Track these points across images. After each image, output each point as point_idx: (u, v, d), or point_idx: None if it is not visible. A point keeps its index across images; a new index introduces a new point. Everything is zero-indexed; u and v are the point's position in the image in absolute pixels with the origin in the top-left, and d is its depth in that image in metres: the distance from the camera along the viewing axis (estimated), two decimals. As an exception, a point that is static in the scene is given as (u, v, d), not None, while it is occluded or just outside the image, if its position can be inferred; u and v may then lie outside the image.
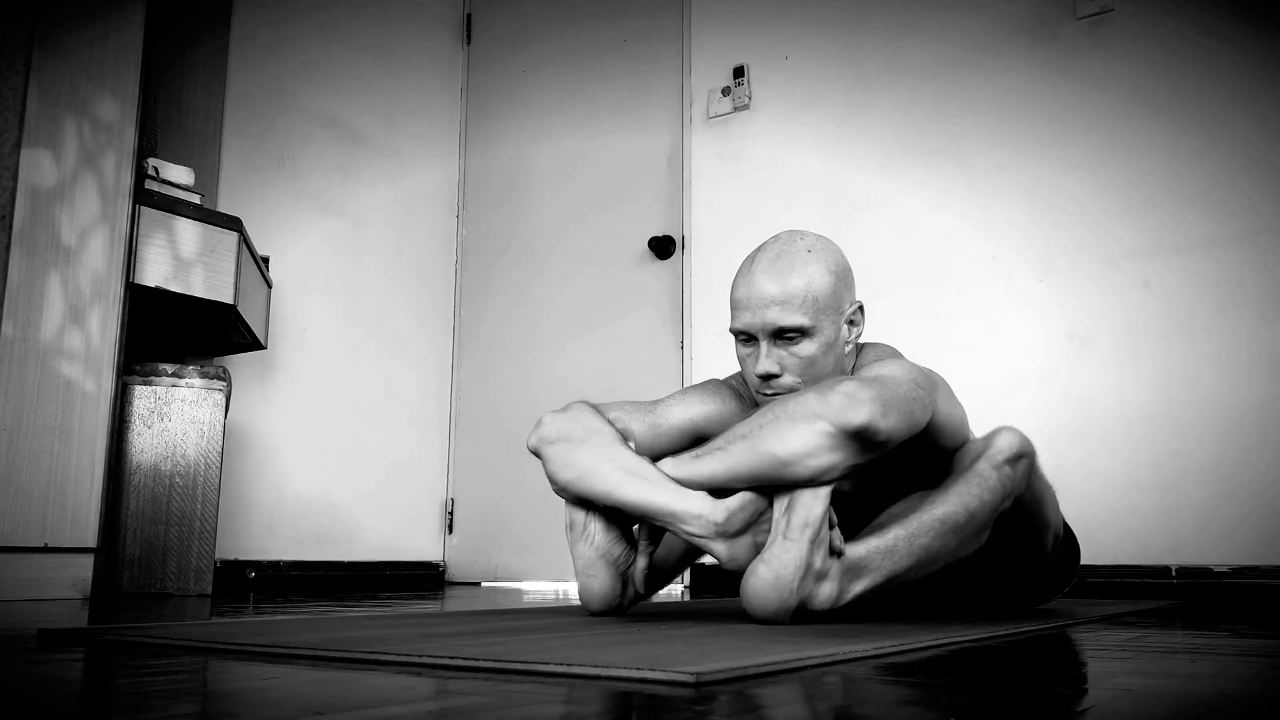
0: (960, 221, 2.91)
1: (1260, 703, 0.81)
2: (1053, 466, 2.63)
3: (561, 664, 0.88)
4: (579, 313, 3.58)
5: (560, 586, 3.29)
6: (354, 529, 3.45)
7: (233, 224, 2.64)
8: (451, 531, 3.74)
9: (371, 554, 3.49)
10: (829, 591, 1.35)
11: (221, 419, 2.63)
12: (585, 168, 3.66)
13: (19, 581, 2.18)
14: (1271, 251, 2.50)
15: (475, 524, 3.69)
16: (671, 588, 3.07)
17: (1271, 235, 2.50)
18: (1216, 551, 2.45)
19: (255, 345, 2.98)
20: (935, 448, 1.51)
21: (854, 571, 1.37)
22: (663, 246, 3.37)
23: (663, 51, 3.53)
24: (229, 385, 2.68)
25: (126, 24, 2.46)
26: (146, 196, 2.48)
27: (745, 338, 1.54)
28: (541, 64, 3.83)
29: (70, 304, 2.31)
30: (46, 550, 2.23)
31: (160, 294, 2.48)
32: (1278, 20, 2.56)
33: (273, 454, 3.25)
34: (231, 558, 3.08)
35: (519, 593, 2.96)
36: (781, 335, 1.50)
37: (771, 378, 1.50)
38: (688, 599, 2.73)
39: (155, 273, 2.47)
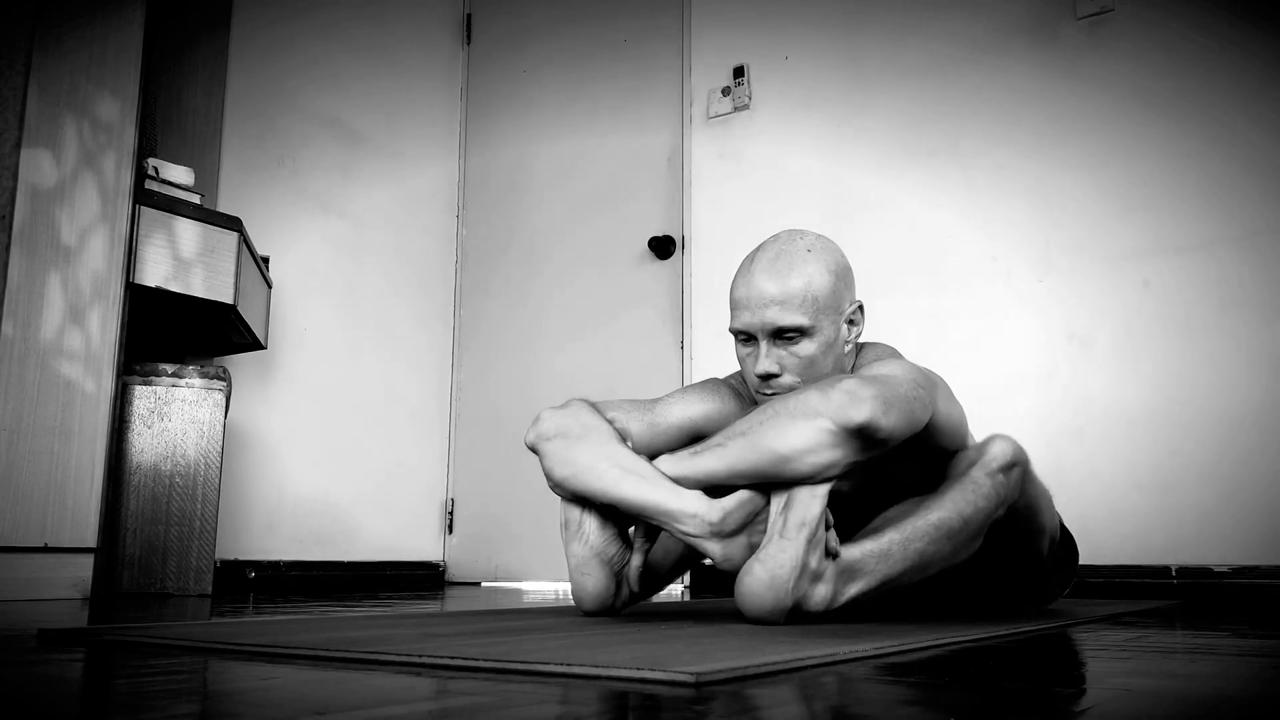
0: (960, 221, 2.91)
1: (1260, 703, 0.81)
2: (1053, 466, 2.65)
3: (561, 664, 0.88)
4: (579, 313, 3.58)
5: (560, 586, 3.29)
6: (354, 529, 3.45)
7: (233, 224, 2.64)
8: (451, 531, 3.74)
9: (371, 554, 3.49)
10: (824, 593, 1.35)
11: (221, 419, 2.63)
12: (585, 168, 3.66)
13: (19, 581, 2.19)
14: (1271, 251, 2.50)
15: (475, 524, 3.70)
16: (671, 588, 3.07)
17: (1271, 235, 2.50)
18: (1216, 551, 2.45)
19: (255, 345, 2.98)
20: (934, 448, 1.50)
21: (849, 574, 1.37)
22: (663, 246, 3.37)
23: (663, 51, 3.53)
24: (229, 385, 2.68)
25: (126, 24, 2.46)
26: (146, 196, 2.48)
27: (745, 337, 1.54)
28: (541, 64, 3.83)
29: (70, 304, 2.31)
30: (46, 550, 2.23)
31: (160, 294, 2.49)
32: (1278, 20, 2.56)
33: (273, 454, 3.25)
34: (231, 558, 3.08)
35: (519, 593, 2.96)
36: (781, 335, 1.49)
37: (771, 377, 1.50)
38: (688, 599, 2.73)
39: (155, 273, 2.47)
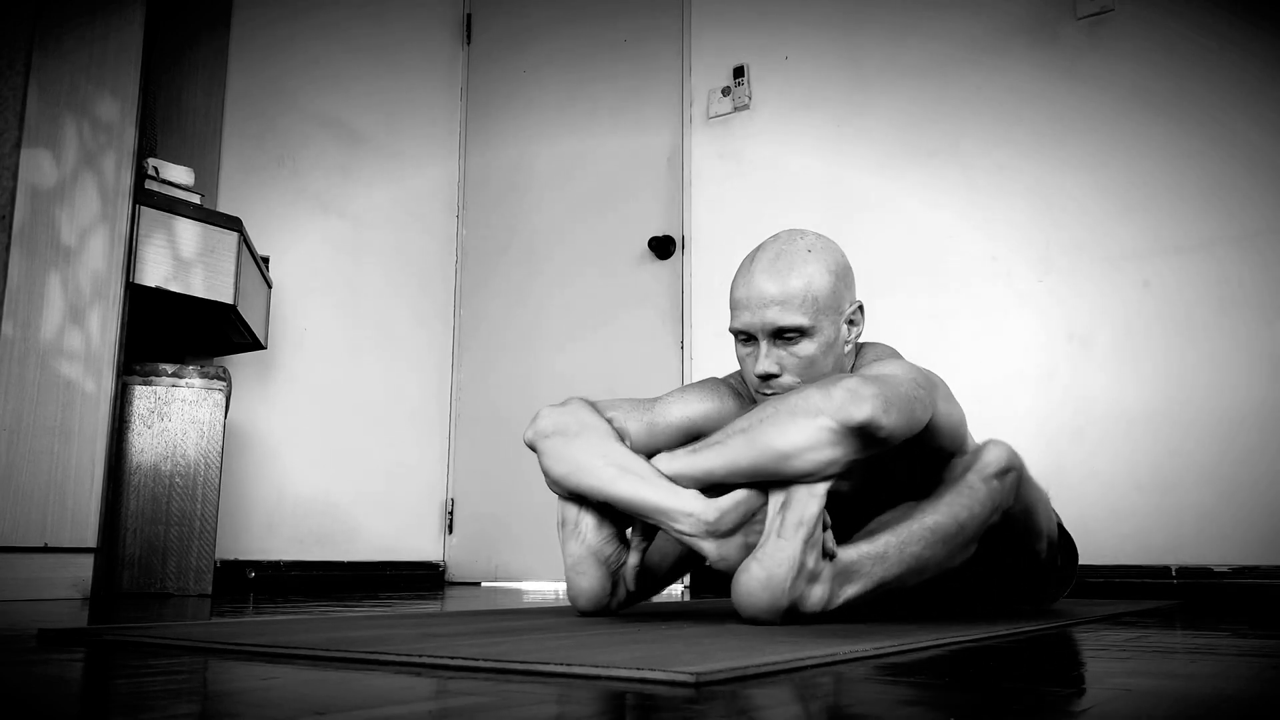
0: (960, 221, 2.91)
1: (1260, 703, 0.81)
2: (1053, 466, 2.65)
3: (561, 664, 0.88)
4: (579, 313, 3.58)
5: (560, 586, 3.29)
6: (354, 529, 3.45)
7: (233, 224, 2.64)
8: (451, 531, 3.74)
9: (371, 554, 3.49)
10: (820, 594, 1.34)
11: (221, 419, 2.63)
12: (585, 168, 3.66)
13: (19, 581, 2.19)
14: (1271, 251, 2.50)
15: (475, 524, 3.69)
16: (671, 588, 3.07)
17: (1271, 235, 2.50)
18: (1216, 551, 2.45)
19: (255, 345, 2.98)
20: (934, 449, 1.50)
21: (845, 575, 1.37)
22: (663, 246, 3.37)
23: (663, 51, 3.53)
24: (229, 385, 2.68)
25: (126, 24, 2.46)
26: (146, 196, 2.48)
27: (745, 337, 1.54)
28: (541, 64, 3.83)
29: (70, 304, 2.31)
30: (46, 550, 2.23)
31: (160, 294, 2.49)
32: (1278, 20, 2.56)
33: (273, 454, 3.25)
34: (231, 558, 3.08)
35: (519, 593, 2.96)
36: (781, 335, 1.49)
37: (771, 378, 1.50)
38: (687, 599, 2.73)
39: (155, 273, 2.47)
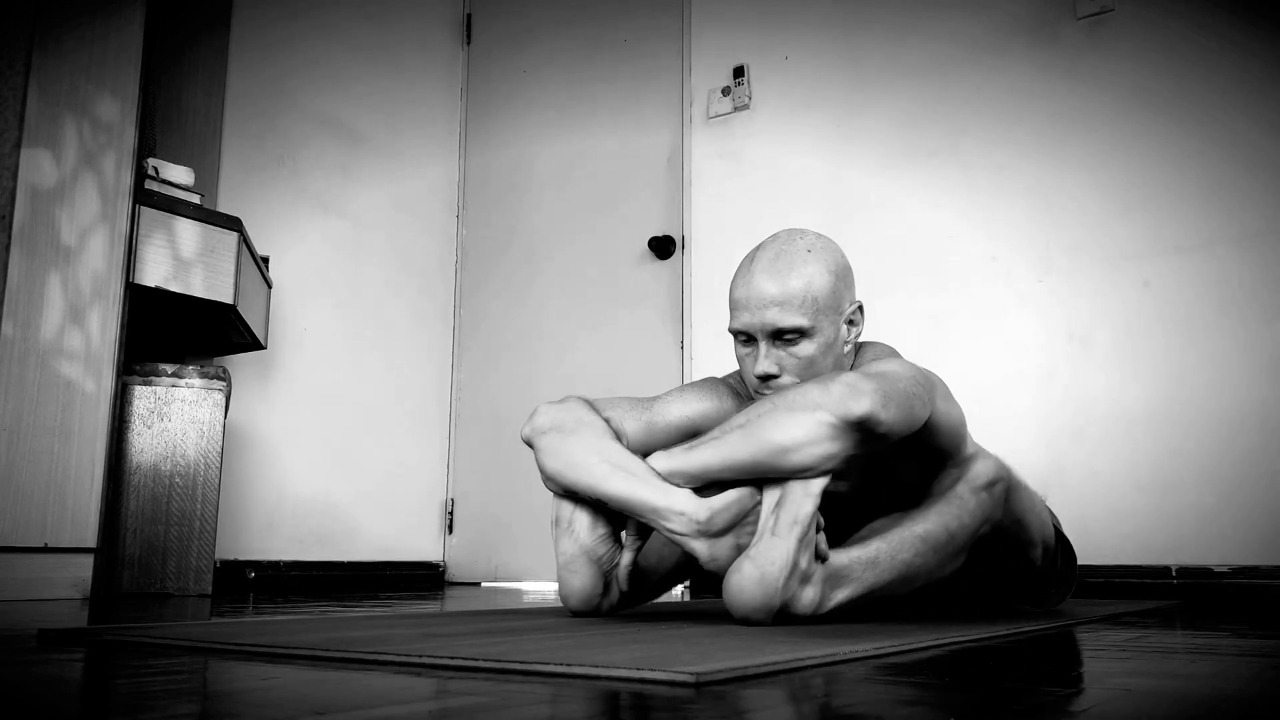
0: (960, 221, 2.91)
1: (1260, 703, 0.81)
2: (1053, 466, 2.65)
3: (561, 664, 0.88)
4: (579, 313, 3.58)
5: (560, 586, 3.28)
6: (354, 529, 3.45)
7: (233, 224, 2.64)
8: (451, 531, 3.74)
9: (371, 554, 3.49)
10: (812, 595, 1.34)
11: (221, 419, 2.63)
12: (585, 168, 3.66)
13: (19, 581, 2.19)
14: (1271, 251, 2.50)
15: (475, 524, 3.69)
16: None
17: (1271, 235, 2.50)
18: (1216, 551, 2.45)
19: (255, 345, 2.98)
20: (933, 449, 1.50)
21: (835, 579, 1.37)
22: (663, 246, 3.37)
23: (663, 51, 3.53)
24: (229, 385, 2.68)
25: (126, 24, 2.46)
26: (146, 196, 2.48)
27: (744, 338, 1.54)
28: (541, 64, 3.83)
29: (70, 304, 2.31)
30: (46, 550, 2.23)
31: (160, 294, 2.49)
32: (1278, 20, 2.56)
33: (273, 454, 3.25)
34: (231, 558, 3.08)
35: (519, 593, 2.96)
36: (780, 336, 1.49)
37: (770, 378, 1.50)
38: (688, 599, 2.73)
39: (155, 273, 2.47)
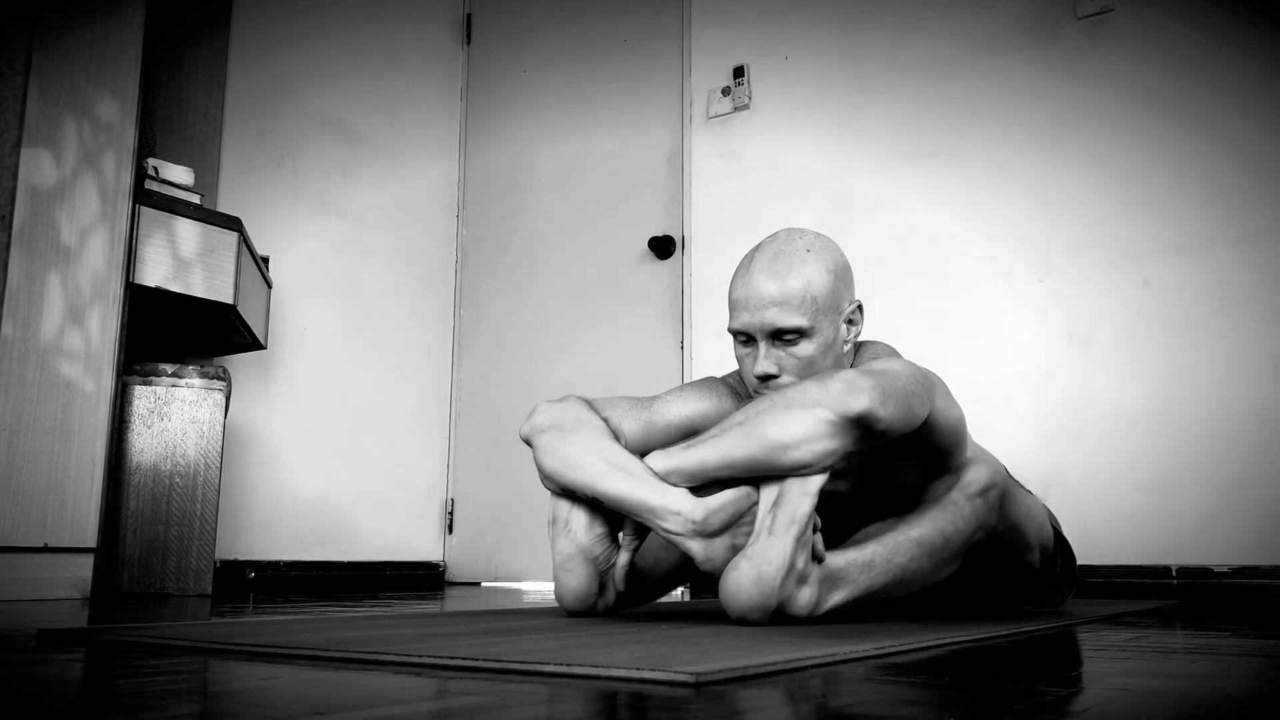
0: (960, 221, 2.91)
1: (1260, 703, 0.81)
2: (1053, 467, 2.65)
3: (561, 664, 0.88)
4: (579, 313, 3.58)
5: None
6: (354, 529, 3.45)
7: (233, 224, 2.64)
8: (451, 531, 3.74)
9: (371, 554, 3.49)
10: (808, 596, 1.34)
11: (221, 419, 2.63)
12: (585, 168, 3.66)
13: (19, 581, 2.19)
14: (1271, 251, 2.50)
15: (475, 524, 3.69)
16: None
17: (1271, 235, 2.50)
18: (1216, 551, 2.45)
19: (255, 345, 2.98)
20: (932, 448, 1.50)
21: (831, 581, 1.36)
22: (663, 246, 3.37)
23: (663, 51, 3.53)
24: (229, 385, 2.68)
25: (126, 24, 2.46)
26: (146, 196, 2.48)
27: (744, 338, 1.54)
28: (541, 64, 3.83)
29: (70, 304, 2.31)
30: (46, 550, 2.23)
31: (160, 294, 2.49)
32: (1278, 20, 2.56)
33: (273, 454, 3.25)
34: (231, 558, 3.08)
35: (519, 593, 2.96)
36: (780, 336, 1.49)
37: (770, 378, 1.50)
38: (688, 599, 2.73)
39: (155, 273, 2.47)
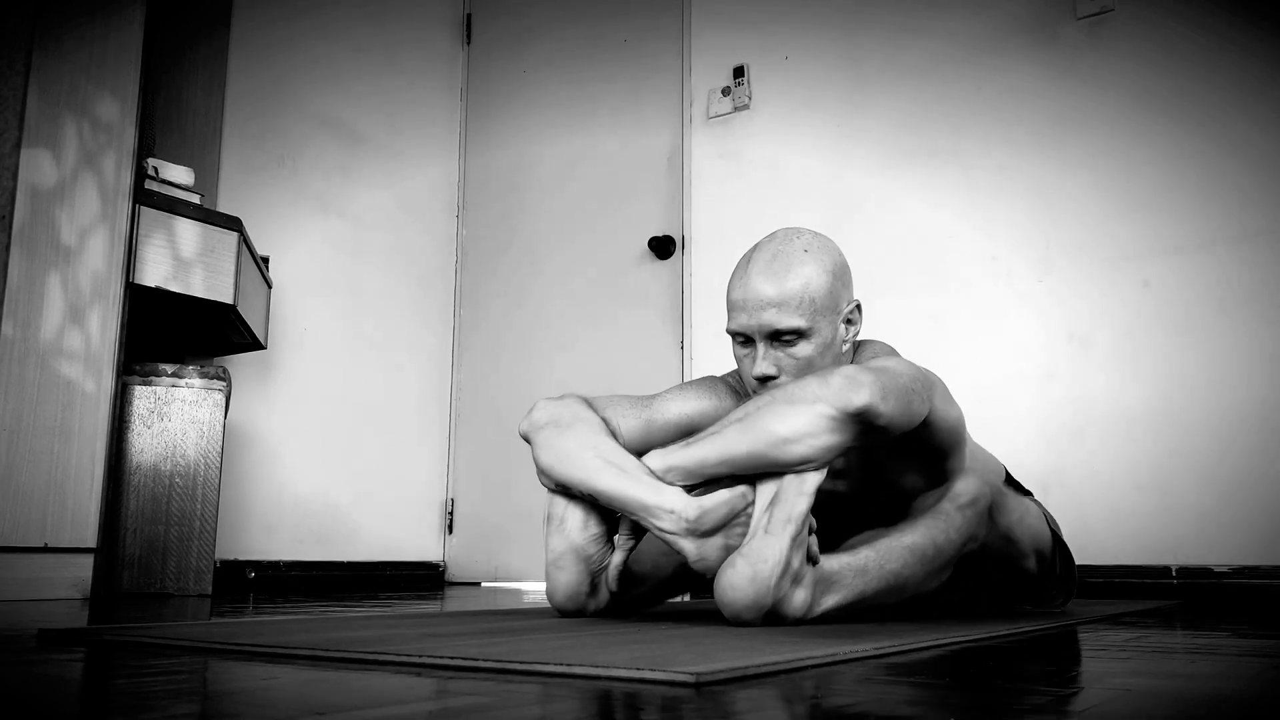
0: (960, 221, 2.91)
1: (1260, 703, 0.81)
2: (1053, 467, 2.65)
3: (561, 664, 0.88)
4: (579, 313, 3.58)
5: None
6: (354, 529, 3.45)
7: (233, 224, 2.64)
8: (451, 531, 3.74)
9: (371, 554, 3.49)
10: (803, 598, 1.33)
11: (221, 419, 2.63)
12: (585, 168, 3.66)
13: (19, 581, 2.19)
14: (1271, 251, 2.50)
15: (475, 524, 3.69)
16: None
17: (1271, 235, 2.50)
18: (1216, 551, 2.45)
19: (255, 345, 2.98)
20: (932, 448, 1.50)
21: (825, 584, 1.36)
22: (663, 246, 3.37)
23: (663, 51, 3.53)
24: (229, 385, 2.68)
25: (126, 24, 2.46)
26: (146, 196, 2.48)
27: (742, 339, 1.54)
28: (541, 64, 3.83)
29: (70, 304, 2.31)
30: (46, 550, 2.23)
31: (160, 294, 2.49)
32: (1278, 20, 2.56)
33: (273, 454, 3.25)
34: (231, 558, 3.08)
35: (519, 593, 2.96)
36: (778, 337, 1.49)
37: (769, 379, 1.50)
38: (688, 599, 2.73)
39: (155, 273, 2.47)
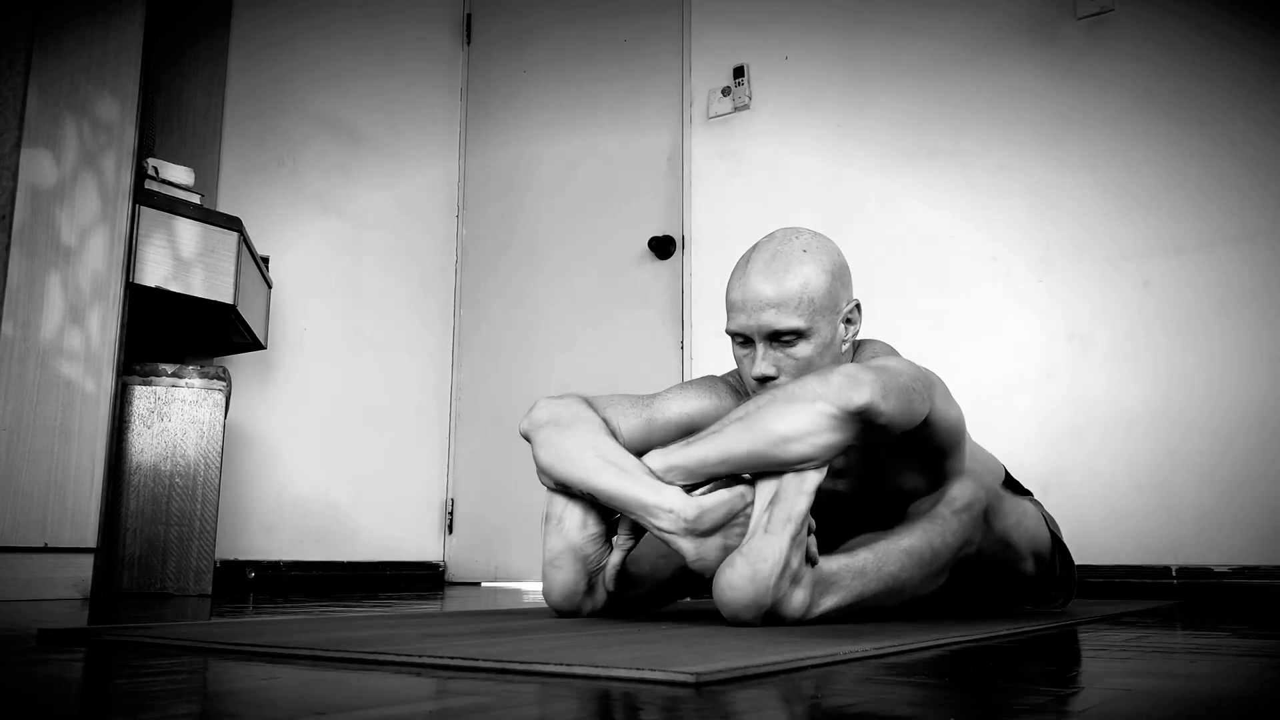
0: (960, 221, 2.91)
1: (1260, 703, 0.81)
2: (1053, 467, 2.65)
3: (561, 664, 0.88)
4: (579, 313, 3.58)
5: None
6: (354, 529, 3.45)
7: (233, 224, 2.64)
8: (451, 531, 3.74)
9: (371, 554, 3.49)
10: (802, 598, 1.33)
11: (221, 419, 2.63)
12: (585, 168, 3.66)
13: (19, 581, 2.19)
14: (1271, 251, 2.50)
15: (475, 524, 3.69)
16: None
17: (1271, 235, 2.50)
18: (1216, 551, 2.45)
19: (255, 345, 2.98)
20: (932, 448, 1.50)
21: (824, 585, 1.36)
22: (663, 246, 3.37)
23: (663, 51, 3.53)
24: (229, 385, 2.68)
25: (126, 24, 2.46)
26: (146, 196, 2.48)
27: (741, 339, 1.54)
28: (541, 64, 3.83)
29: (70, 304, 2.31)
30: (46, 550, 2.23)
31: (160, 294, 2.49)
32: (1278, 20, 2.56)
33: (273, 454, 3.25)
34: (231, 558, 3.08)
35: (519, 593, 2.96)
36: (778, 338, 1.49)
37: (768, 380, 1.50)
38: (688, 599, 2.73)
39: (155, 273, 2.47)
